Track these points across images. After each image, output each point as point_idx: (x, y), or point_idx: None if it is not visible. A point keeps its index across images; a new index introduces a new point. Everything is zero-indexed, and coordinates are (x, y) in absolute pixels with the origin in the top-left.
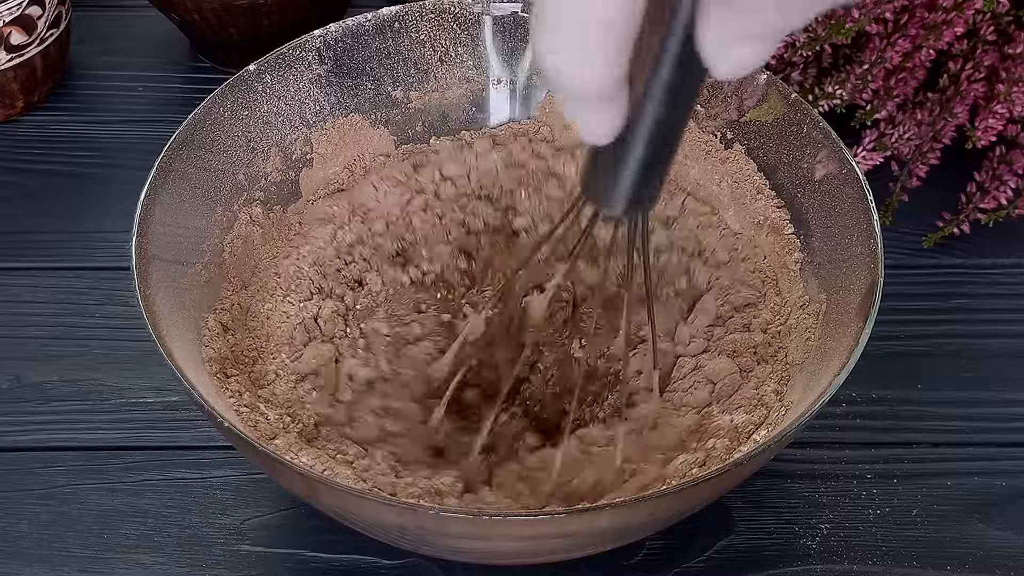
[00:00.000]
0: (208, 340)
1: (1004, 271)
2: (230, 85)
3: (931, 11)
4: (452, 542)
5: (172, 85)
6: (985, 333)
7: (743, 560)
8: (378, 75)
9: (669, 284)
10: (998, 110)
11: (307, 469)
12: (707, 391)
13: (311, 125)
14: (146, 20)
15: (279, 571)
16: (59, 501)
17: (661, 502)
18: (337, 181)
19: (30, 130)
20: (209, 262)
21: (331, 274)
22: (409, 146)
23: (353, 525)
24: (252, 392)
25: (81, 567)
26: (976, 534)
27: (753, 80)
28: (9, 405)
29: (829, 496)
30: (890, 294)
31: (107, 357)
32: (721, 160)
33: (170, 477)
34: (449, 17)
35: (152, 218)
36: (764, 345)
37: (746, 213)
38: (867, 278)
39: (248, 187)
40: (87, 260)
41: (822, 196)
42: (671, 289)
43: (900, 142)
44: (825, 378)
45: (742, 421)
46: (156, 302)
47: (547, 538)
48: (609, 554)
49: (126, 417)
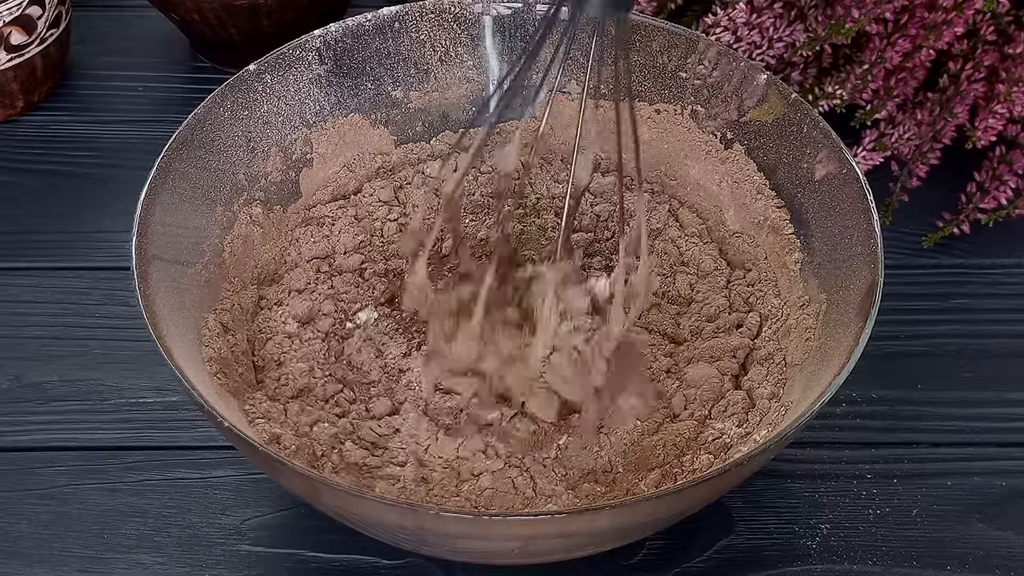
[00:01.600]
0: (208, 340)
1: (1004, 271)
2: (230, 85)
3: (931, 11)
4: (452, 542)
5: (172, 85)
6: (985, 333)
7: (743, 560)
8: (378, 75)
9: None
10: (998, 110)
11: (307, 469)
12: (706, 393)
13: (311, 125)
14: (146, 20)
15: (279, 571)
16: (59, 501)
17: (661, 502)
18: (337, 181)
19: (30, 130)
20: (209, 262)
21: (331, 275)
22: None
23: (353, 525)
24: (253, 392)
25: (81, 567)
26: (976, 534)
27: (753, 80)
28: (9, 405)
29: (829, 496)
30: (890, 294)
31: (107, 357)
32: (721, 160)
33: (170, 477)
34: (449, 17)
35: (152, 218)
36: (762, 346)
37: (746, 213)
38: (867, 278)
39: (248, 187)
40: (87, 260)
41: (822, 196)
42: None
43: (900, 142)
44: (825, 378)
45: (737, 426)
46: (156, 302)
47: (547, 538)
48: (609, 554)
49: (126, 417)
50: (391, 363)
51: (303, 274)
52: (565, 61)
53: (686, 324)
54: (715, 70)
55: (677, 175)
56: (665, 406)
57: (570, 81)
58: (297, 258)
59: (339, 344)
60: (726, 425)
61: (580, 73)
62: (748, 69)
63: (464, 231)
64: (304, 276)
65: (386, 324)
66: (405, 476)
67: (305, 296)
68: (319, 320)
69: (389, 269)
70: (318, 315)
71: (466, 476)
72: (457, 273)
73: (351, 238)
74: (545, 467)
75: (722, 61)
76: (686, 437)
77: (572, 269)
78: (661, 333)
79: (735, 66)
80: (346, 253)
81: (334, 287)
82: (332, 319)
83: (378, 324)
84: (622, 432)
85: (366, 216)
